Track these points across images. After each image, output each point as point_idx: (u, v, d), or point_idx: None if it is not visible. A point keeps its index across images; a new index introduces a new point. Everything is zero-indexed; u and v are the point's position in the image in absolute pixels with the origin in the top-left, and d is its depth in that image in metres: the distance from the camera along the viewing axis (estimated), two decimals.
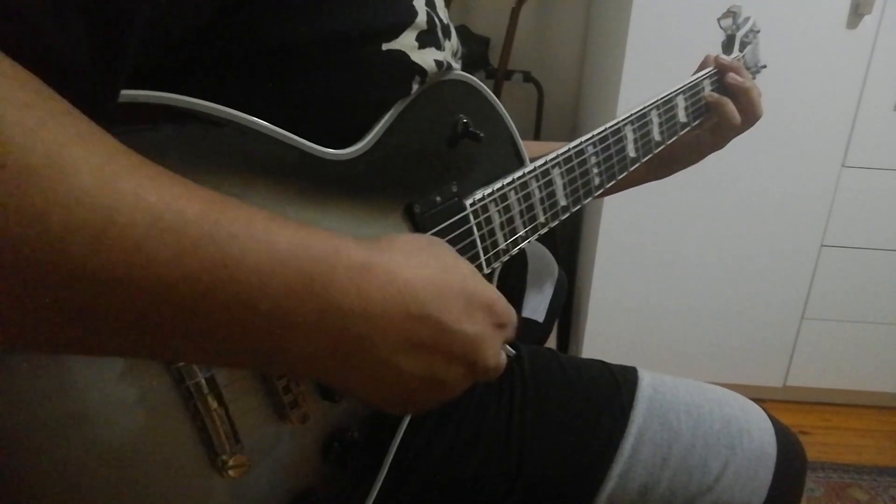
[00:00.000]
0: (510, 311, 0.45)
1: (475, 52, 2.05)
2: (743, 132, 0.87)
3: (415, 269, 0.38)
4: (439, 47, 0.56)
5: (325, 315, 0.35)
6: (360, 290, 0.36)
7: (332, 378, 0.40)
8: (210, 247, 0.31)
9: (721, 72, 0.87)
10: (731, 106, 0.85)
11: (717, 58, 0.88)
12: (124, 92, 0.37)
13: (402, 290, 0.37)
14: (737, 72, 0.87)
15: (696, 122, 0.86)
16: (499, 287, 0.66)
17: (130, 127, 0.38)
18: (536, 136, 2.16)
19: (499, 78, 2.00)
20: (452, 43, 0.62)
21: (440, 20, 0.57)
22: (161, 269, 0.30)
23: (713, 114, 0.86)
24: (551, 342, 1.64)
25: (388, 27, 0.50)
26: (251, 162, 0.44)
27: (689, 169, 0.91)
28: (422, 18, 0.53)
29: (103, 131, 0.31)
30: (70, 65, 0.32)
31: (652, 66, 1.55)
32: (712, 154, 0.89)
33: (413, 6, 0.52)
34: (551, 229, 0.68)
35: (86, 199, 0.28)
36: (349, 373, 0.38)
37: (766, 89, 0.89)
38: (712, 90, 0.86)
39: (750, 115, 0.86)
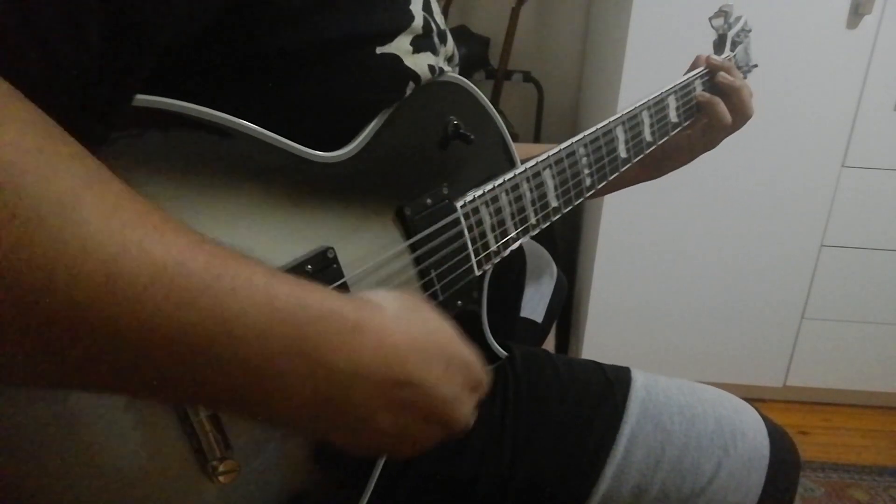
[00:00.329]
0: (484, 373, 0.48)
1: (475, 52, 2.05)
2: (734, 132, 0.87)
3: (402, 333, 0.40)
4: (434, 52, 0.56)
5: (314, 373, 0.36)
6: (351, 352, 0.37)
7: (309, 430, 0.42)
8: (210, 301, 0.32)
9: (712, 71, 0.87)
10: (721, 106, 0.85)
11: (707, 58, 0.87)
12: None
13: (389, 354, 0.39)
14: (727, 71, 0.87)
15: (688, 123, 0.86)
16: (496, 287, 0.66)
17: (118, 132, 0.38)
18: (536, 136, 2.16)
19: (499, 78, 2.00)
20: (448, 48, 0.62)
21: (437, 25, 0.57)
22: (161, 322, 0.30)
23: (704, 114, 0.86)
24: (550, 342, 1.64)
25: (385, 32, 0.50)
26: (238, 164, 0.44)
27: (688, 169, 0.91)
28: (418, 23, 0.53)
29: (110, 175, 0.31)
30: (80, 76, 0.32)
31: (652, 66, 1.55)
32: (712, 154, 0.89)
33: (410, 11, 0.52)
34: (550, 230, 0.68)
35: (92, 250, 0.28)
36: (328, 426, 0.40)
37: (766, 89, 0.89)
38: (703, 90, 0.86)
39: (741, 114, 0.86)
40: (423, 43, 0.54)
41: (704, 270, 1.76)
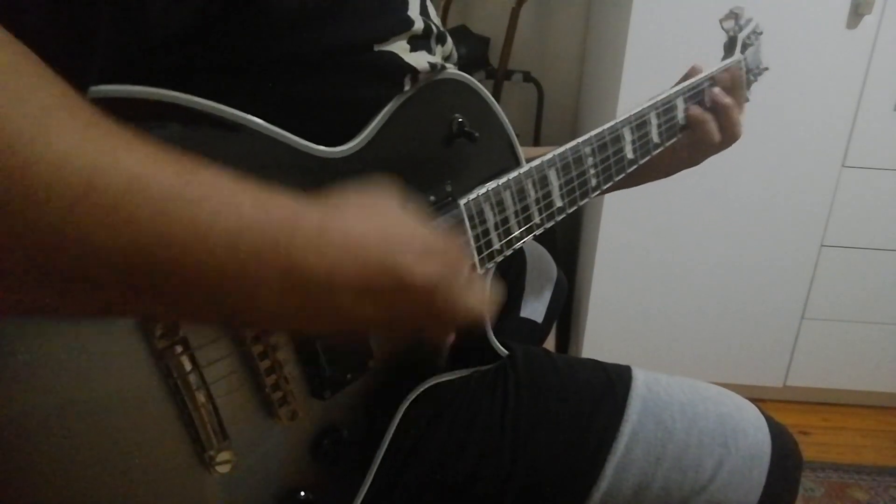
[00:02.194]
0: (462, 253, 0.47)
1: (475, 52, 2.05)
2: (719, 151, 0.85)
3: (366, 225, 0.40)
4: (430, 52, 0.56)
5: (288, 275, 0.36)
6: (320, 250, 0.37)
7: (299, 329, 0.42)
8: (183, 208, 0.32)
9: (711, 83, 0.84)
10: (711, 124, 0.82)
11: (713, 73, 0.85)
12: (118, 87, 0.38)
13: (359, 243, 0.39)
14: (731, 85, 0.84)
15: (689, 129, 0.85)
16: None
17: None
18: (536, 136, 2.16)
19: (499, 78, 2.00)
20: (446, 49, 0.62)
21: (436, 27, 0.57)
22: (137, 231, 0.31)
23: (692, 130, 0.83)
24: (550, 342, 1.64)
25: (383, 36, 0.51)
26: (242, 158, 0.44)
27: (689, 169, 0.91)
28: (418, 27, 0.53)
29: (83, 99, 0.32)
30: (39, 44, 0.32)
31: (652, 66, 1.55)
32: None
33: (409, 16, 0.53)
34: (551, 230, 0.68)
35: (68, 160, 0.29)
36: (317, 323, 0.40)
37: (767, 89, 0.89)
38: (696, 103, 0.84)
39: (729, 134, 0.83)
40: (419, 43, 0.54)
41: (704, 270, 1.76)
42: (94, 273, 0.31)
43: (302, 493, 0.51)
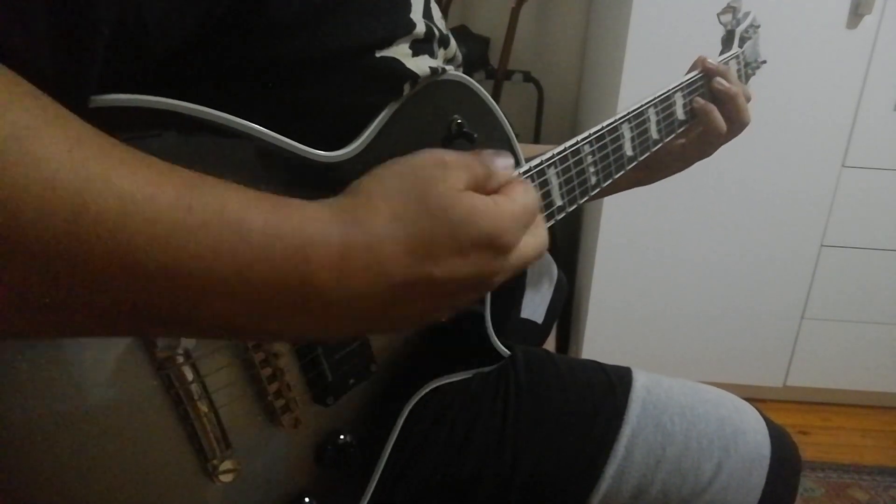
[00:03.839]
0: (513, 231, 0.40)
1: (475, 52, 2.04)
2: (731, 139, 0.85)
3: (399, 238, 0.36)
4: (432, 55, 0.56)
5: (307, 300, 0.34)
6: (341, 276, 0.35)
7: (322, 340, 0.41)
8: (183, 236, 0.30)
9: (708, 76, 0.84)
10: (716, 113, 0.81)
11: (704, 62, 0.85)
12: (117, 97, 0.37)
13: (387, 266, 0.36)
14: (724, 76, 0.83)
15: (695, 121, 0.86)
16: (496, 289, 0.66)
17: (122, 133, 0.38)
18: (536, 136, 2.16)
19: (499, 78, 2.00)
20: (448, 52, 0.62)
21: (438, 30, 0.57)
22: (136, 259, 0.29)
23: (699, 121, 0.83)
24: (550, 343, 1.64)
25: (384, 40, 0.50)
26: (239, 164, 0.43)
27: (689, 169, 0.91)
28: (420, 30, 0.53)
29: (70, 114, 0.30)
30: (34, 66, 0.31)
31: (652, 66, 1.55)
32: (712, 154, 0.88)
33: (411, 19, 0.52)
34: (551, 230, 0.68)
35: (56, 184, 0.27)
36: (336, 335, 0.39)
37: (766, 89, 0.89)
38: (699, 95, 0.85)
39: (737, 122, 0.83)
40: (422, 47, 0.54)
41: (704, 270, 1.76)
42: (93, 299, 0.29)
43: (307, 500, 0.51)
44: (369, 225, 0.36)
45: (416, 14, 0.53)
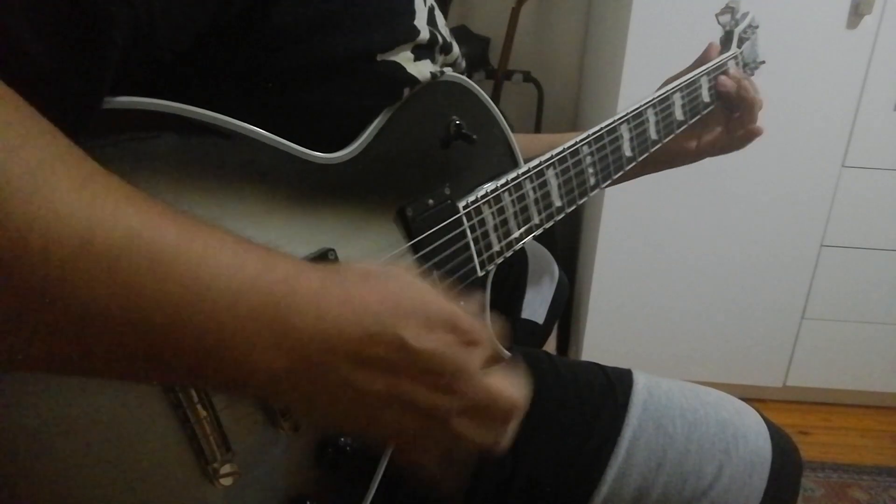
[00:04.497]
0: (476, 327, 0.42)
1: (475, 52, 2.04)
2: (733, 151, 0.86)
3: (371, 290, 0.38)
4: (434, 61, 0.56)
5: (284, 338, 0.35)
6: (319, 312, 0.36)
7: (293, 400, 0.40)
8: (185, 269, 0.32)
9: (719, 76, 0.85)
10: (747, 81, 0.83)
11: (725, 70, 0.85)
12: (121, 99, 0.38)
13: (358, 308, 0.37)
14: (743, 84, 0.84)
15: (694, 120, 0.86)
16: (497, 288, 0.66)
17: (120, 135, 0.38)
18: None
19: (499, 78, 2.00)
20: (450, 57, 0.62)
21: (442, 37, 0.57)
22: (136, 290, 0.30)
23: (733, 102, 0.84)
24: (550, 343, 1.64)
25: (387, 45, 0.50)
26: (238, 166, 0.43)
27: (688, 169, 0.91)
28: (424, 37, 0.53)
29: (82, 152, 0.31)
30: (46, 72, 0.32)
31: (652, 66, 1.53)
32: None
33: (415, 26, 0.52)
34: (551, 230, 0.68)
35: (65, 217, 0.28)
36: (310, 395, 0.38)
37: (766, 89, 0.89)
38: (710, 91, 0.85)
39: (747, 128, 0.85)
40: (423, 52, 0.54)
41: (704, 270, 1.76)
42: (92, 332, 0.30)
43: (308, 503, 0.51)
44: (347, 276, 0.39)
45: (421, 21, 0.53)
